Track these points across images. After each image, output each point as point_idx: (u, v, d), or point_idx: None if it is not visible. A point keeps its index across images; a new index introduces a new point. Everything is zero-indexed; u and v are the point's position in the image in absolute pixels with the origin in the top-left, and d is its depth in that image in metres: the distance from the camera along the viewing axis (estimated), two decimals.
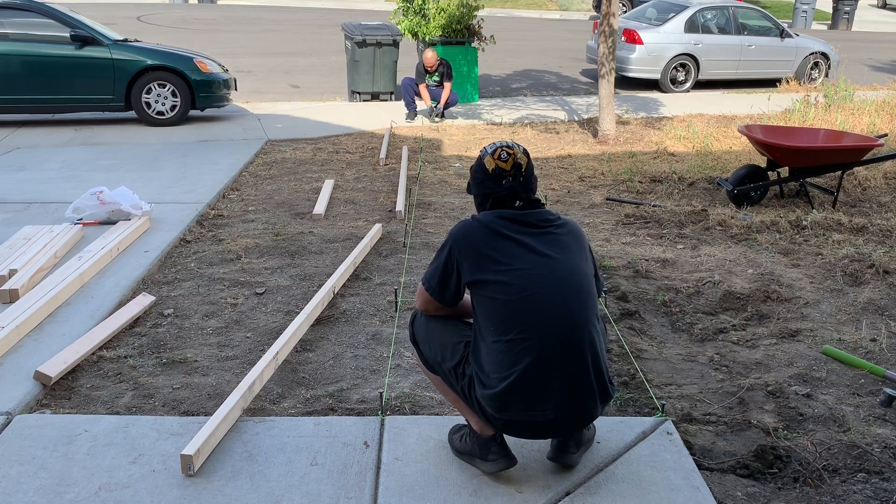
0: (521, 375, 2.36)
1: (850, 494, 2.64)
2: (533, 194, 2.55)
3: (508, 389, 2.36)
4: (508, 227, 2.46)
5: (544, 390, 2.37)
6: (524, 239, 2.45)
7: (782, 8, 25.67)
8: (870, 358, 3.62)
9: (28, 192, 6.20)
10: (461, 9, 10.75)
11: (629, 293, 4.33)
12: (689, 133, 8.98)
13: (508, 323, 2.38)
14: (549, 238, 2.47)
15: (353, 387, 3.33)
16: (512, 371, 2.36)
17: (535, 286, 2.38)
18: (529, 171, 2.54)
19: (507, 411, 2.39)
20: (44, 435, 2.87)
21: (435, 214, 5.92)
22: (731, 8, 13.14)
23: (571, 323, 2.38)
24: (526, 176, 2.52)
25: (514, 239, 2.44)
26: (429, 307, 2.65)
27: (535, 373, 2.36)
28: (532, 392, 2.37)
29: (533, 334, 2.36)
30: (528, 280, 2.39)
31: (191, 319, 3.98)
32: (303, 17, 21.63)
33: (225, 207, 5.99)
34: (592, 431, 2.81)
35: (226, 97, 9.37)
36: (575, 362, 2.38)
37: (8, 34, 8.54)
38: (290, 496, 2.56)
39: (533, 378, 2.36)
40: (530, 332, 2.36)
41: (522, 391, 2.37)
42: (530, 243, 2.44)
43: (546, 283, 2.39)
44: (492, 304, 2.41)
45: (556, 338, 2.36)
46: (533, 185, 2.55)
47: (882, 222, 5.68)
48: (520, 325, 2.37)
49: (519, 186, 2.51)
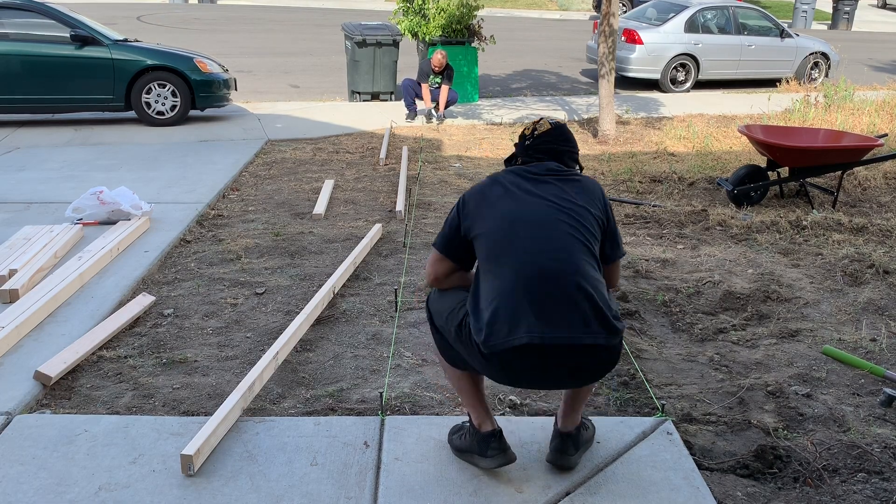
0: (502, 299, 2.37)
1: (850, 494, 2.64)
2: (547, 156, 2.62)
3: (492, 316, 2.36)
4: (509, 178, 2.57)
5: (523, 312, 2.35)
6: (523, 184, 2.54)
7: (782, 8, 25.67)
8: (870, 358, 3.62)
9: (28, 192, 6.20)
10: (461, 9, 10.75)
11: (629, 293, 4.33)
12: (689, 133, 8.98)
13: (497, 257, 2.43)
14: (550, 185, 2.53)
15: (353, 387, 3.33)
16: (495, 297, 2.38)
17: (521, 221, 2.44)
18: (548, 134, 2.64)
19: (492, 339, 2.35)
20: (44, 435, 2.87)
21: (435, 214, 5.92)
22: (731, 8, 13.15)
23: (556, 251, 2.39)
24: (540, 137, 2.63)
25: (512, 186, 2.54)
26: (438, 270, 2.65)
27: (516, 296, 2.36)
28: (512, 315, 2.35)
29: (516, 261, 2.39)
30: (515, 217, 2.46)
31: (191, 319, 3.98)
32: (303, 17, 21.63)
33: (225, 207, 5.99)
34: (591, 432, 2.80)
35: (226, 97, 9.37)
36: (557, 285, 2.36)
37: (8, 34, 8.54)
38: (290, 496, 2.56)
39: (512, 301, 2.36)
40: (513, 259, 2.39)
41: (505, 315, 2.35)
42: (528, 187, 2.52)
43: (533, 218, 2.45)
44: (485, 245, 2.47)
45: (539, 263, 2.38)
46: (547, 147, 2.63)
47: (882, 222, 5.68)
48: (505, 255, 2.41)
49: (531, 145, 2.64)
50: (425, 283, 2.66)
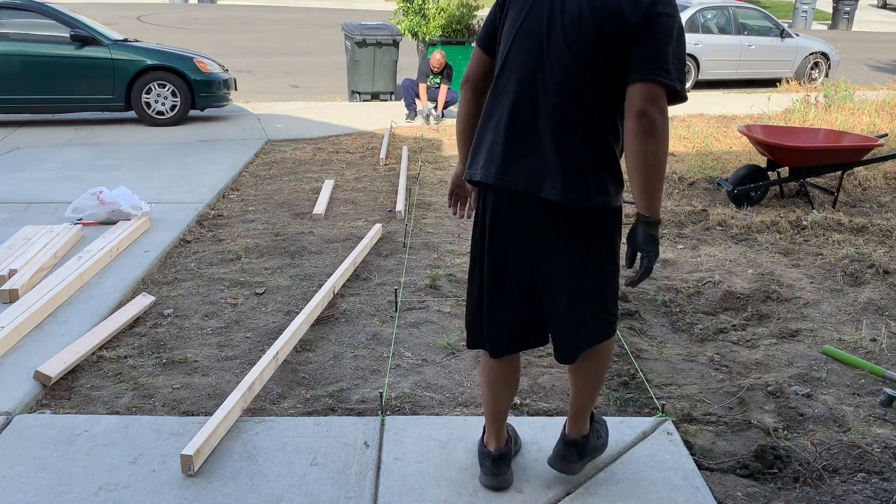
0: (482, 129, 2.29)
1: (850, 494, 2.64)
2: None
3: (476, 145, 2.31)
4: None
5: (496, 149, 2.24)
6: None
7: (782, 8, 25.68)
8: (870, 358, 3.62)
9: (28, 192, 6.20)
10: (461, 9, 10.75)
11: (629, 293, 4.33)
12: (689, 133, 8.98)
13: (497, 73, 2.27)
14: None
15: (353, 387, 3.33)
16: (481, 128, 2.30)
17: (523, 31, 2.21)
18: None
19: (471, 169, 2.30)
20: (44, 435, 2.87)
21: (435, 214, 5.92)
22: (731, 8, 13.15)
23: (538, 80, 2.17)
24: None
25: None
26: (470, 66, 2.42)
27: (494, 129, 2.25)
28: (487, 150, 2.26)
29: (502, 88, 2.24)
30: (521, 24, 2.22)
31: (191, 319, 3.98)
32: (303, 17, 21.63)
33: (225, 207, 5.99)
34: (602, 441, 2.70)
35: (226, 97, 9.38)
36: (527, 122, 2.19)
37: (8, 34, 8.55)
38: (290, 496, 2.56)
39: (490, 134, 2.26)
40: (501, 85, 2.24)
41: (483, 147, 2.28)
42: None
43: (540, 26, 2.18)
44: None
45: (519, 96, 2.20)
46: None
47: (882, 222, 5.68)
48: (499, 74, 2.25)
49: None
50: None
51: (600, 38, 2.11)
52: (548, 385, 3.34)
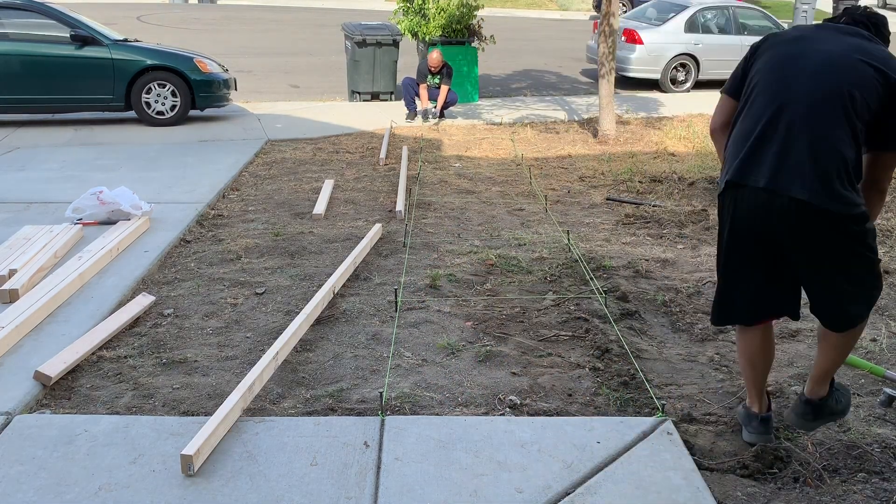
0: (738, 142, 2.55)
1: (850, 494, 2.64)
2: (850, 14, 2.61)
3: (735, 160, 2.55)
4: (802, 28, 2.65)
5: (760, 157, 2.48)
6: (809, 34, 2.58)
7: (782, 8, 25.67)
8: (870, 358, 3.62)
9: (28, 192, 6.20)
10: (461, 9, 10.75)
11: (629, 293, 4.32)
12: (690, 133, 8.98)
13: (753, 99, 2.56)
14: (839, 35, 2.52)
15: (353, 387, 3.33)
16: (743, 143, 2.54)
17: (783, 63, 2.51)
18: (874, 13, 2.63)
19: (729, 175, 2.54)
20: (44, 435, 2.87)
21: (435, 214, 5.92)
22: (731, 8, 13.14)
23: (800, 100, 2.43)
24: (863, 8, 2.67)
25: (800, 36, 2.57)
26: (716, 113, 2.84)
27: (757, 140, 2.49)
28: (750, 158, 2.50)
29: (762, 103, 2.51)
30: (781, 59, 2.53)
31: (191, 319, 3.98)
32: (303, 17, 21.64)
33: (225, 207, 5.99)
34: (842, 406, 2.84)
35: (226, 97, 9.38)
36: (788, 136, 2.43)
37: (8, 34, 8.55)
38: (290, 496, 2.56)
39: (753, 145, 2.50)
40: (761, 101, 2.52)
41: (745, 156, 2.52)
42: (811, 35, 2.56)
43: (797, 61, 2.49)
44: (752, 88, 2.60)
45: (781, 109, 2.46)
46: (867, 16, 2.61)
47: (882, 222, 5.67)
48: (758, 96, 2.53)
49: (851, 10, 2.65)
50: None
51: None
52: (548, 385, 3.34)
